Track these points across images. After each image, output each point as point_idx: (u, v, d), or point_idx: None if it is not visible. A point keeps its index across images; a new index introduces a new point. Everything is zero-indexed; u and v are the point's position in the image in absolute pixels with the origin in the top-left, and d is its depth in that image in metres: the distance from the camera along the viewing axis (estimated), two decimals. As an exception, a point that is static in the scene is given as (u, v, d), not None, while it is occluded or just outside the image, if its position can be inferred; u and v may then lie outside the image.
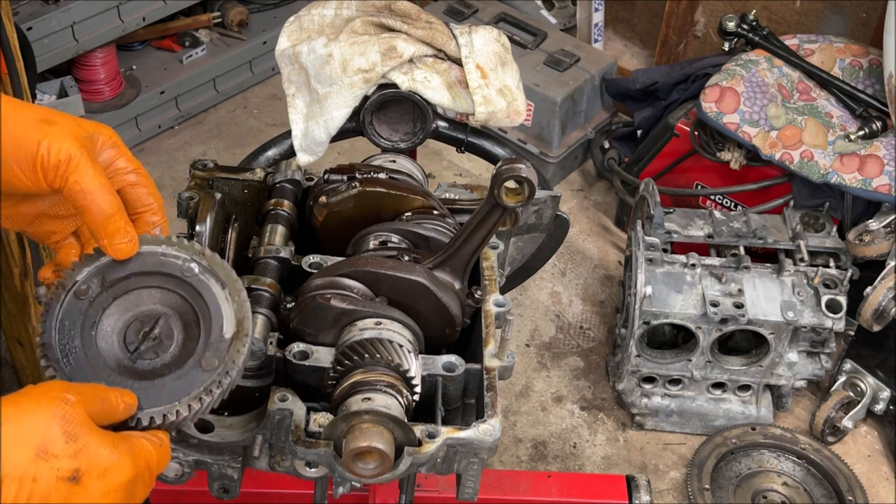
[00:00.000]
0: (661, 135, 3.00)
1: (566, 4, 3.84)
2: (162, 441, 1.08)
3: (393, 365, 1.30)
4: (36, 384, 0.99)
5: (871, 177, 2.55)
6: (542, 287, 3.07)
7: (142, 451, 1.04)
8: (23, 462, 0.92)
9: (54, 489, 0.94)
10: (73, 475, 0.95)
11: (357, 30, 1.84)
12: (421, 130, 1.89)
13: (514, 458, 2.61)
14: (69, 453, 0.96)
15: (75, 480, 0.95)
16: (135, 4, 3.15)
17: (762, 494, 2.54)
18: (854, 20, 3.13)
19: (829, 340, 2.51)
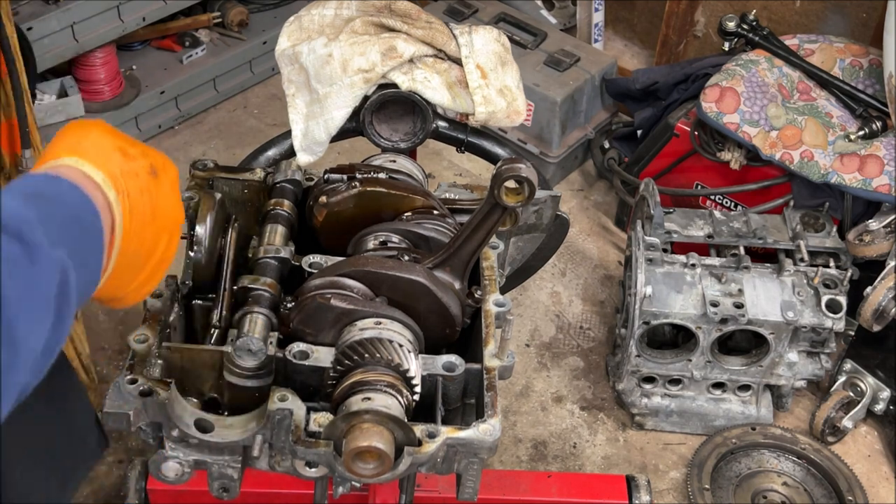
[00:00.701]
0: (661, 135, 2.99)
1: (566, 4, 3.84)
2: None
3: (393, 365, 1.30)
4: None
5: (871, 177, 2.55)
6: (542, 287, 3.07)
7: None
8: (123, 164, 1.05)
9: (149, 183, 1.08)
10: (152, 169, 1.09)
11: (357, 30, 1.85)
12: (421, 130, 1.89)
13: (514, 458, 2.61)
14: (140, 153, 1.09)
15: (155, 174, 1.09)
16: (135, 4, 3.15)
17: (762, 494, 2.54)
18: (854, 20, 3.13)
19: (829, 340, 2.51)
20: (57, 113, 3.16)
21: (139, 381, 1.29)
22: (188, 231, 1.49)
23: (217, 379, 1.38)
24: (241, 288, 1.44)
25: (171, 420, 1.29)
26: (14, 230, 0.84)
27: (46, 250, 0.87)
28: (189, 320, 1.53)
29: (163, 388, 1.28)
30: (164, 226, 1.10)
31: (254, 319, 1.38)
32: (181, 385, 1.34)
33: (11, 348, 0.81)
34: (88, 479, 2.47)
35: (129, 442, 2.54)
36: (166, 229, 1.11)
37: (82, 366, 2.45)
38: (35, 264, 0.85)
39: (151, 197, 1.07)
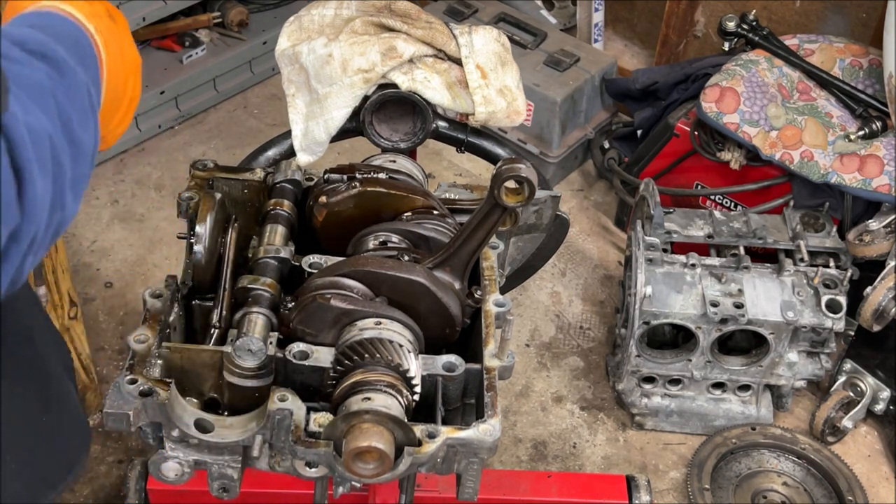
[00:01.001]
0: (661, 135, 2.99)
1: (566, 4, 3.84)
2: None
3: (393, 365, 1.30)
4: None
5: (871, 177, 2.55)
6: (542, 287, 3.07)
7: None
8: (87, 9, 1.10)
9: (111, 25, 1.13)
10: (109, 12, 1.15)
11: (357, 30, 1.84)
12: (421, 130, 1.89)
13: (514, 458, 2.61)
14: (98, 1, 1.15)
15: (113, 18, 1.15)
16: (135, 4, 3.15)
17: (762, 494, 2.54)
18: (854, 20, 3.13)
19: (829, 340, 2.51)
20: (57, 113, 3.16)
21: (139, 381, 1.29)
22: (188, 231, 1.49)
23: (217, 379, 1.38)
24: (241, 288, 1.44)
25: (171, 420, 1.29)
26: (38, 51, 0.95)
27: (72, 65, 0.98)
28: (189, 320, 1.53)
29: (163, 388, 1.28)
30: (130, 65, 1.17)
31: (254, 319, 1.38)
32: (181, 385, 1.34)
33: (74, 146, 0.96)
34: (88, 479, 2.47)
35: (129, 442, 2.54)
36: (132, 69, 1.18)
37: (82, 366, 2.45)
38: (65, 77, 0.97)
39: (116, 37, 1.13)
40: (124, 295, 2.93)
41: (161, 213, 3.19)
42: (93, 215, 3.18)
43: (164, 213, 3.19)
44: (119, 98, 1.16)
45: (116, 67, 1.13)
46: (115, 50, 1.12)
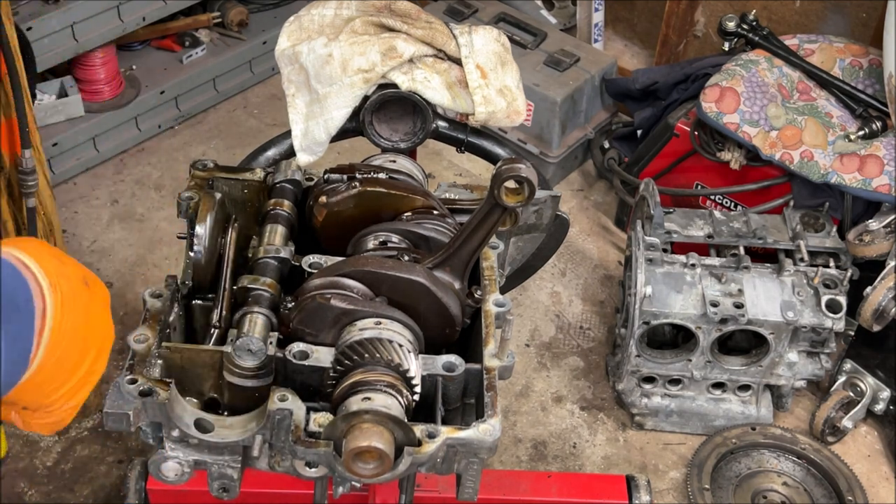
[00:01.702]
0: (661, 135, 2.99)
1: (566, 4, 3.84)
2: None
3: (393, 365, 1.30)
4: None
5: (871, 177, 2.55)
6: (542, 287, 3.06)
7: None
8: (57, 265, 1.04)
9: (79, 290, 1.07)
10: (84, 279, 1.09)
11: (357, 30, 1.84)
12: (421, 130, 1.89)
13: (514, 458, 2.61)
14: (73, 263, 1.09)
15: (87, 285, 1.09)
16: (135, 4, 3.15)
17: (762, 494, 2.54)
18: (854, 20, 3.13)
19: (829, 340, 2.51)
20: (57, 113, 3.17)
21: (139, 381, 1.29)
22: (188, 231, 1.49)
23: (217, 379, 1.38)
24: (241, 288, 1.43)
25: (170, 420, 1.28)
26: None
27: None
28: (189, 320, 1.52)
29: (163, 388, 1.28)
30: (94, 337, 1.10)
31: (254, 319, 1.38)
32: (181, 385, 1.34)
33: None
34: (88, 479, 2.48)
35: (129, 442, 2.54)
36: (96, 342, 1.11)
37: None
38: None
39: (84, 303, 1.07)
40: (124, 295, 2.93)
41: (161, 213, 3.19)
42: (93, 215, 3.18)
43: (164, 213, 3.19)
44: (67, 369, 1.07)
45: (71, 330, 1.04)
46: (74, 312, 1.04)
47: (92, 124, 3.24)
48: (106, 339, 1.13)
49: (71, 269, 1.07)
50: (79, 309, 1.06)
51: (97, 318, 1.11)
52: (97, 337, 1.11)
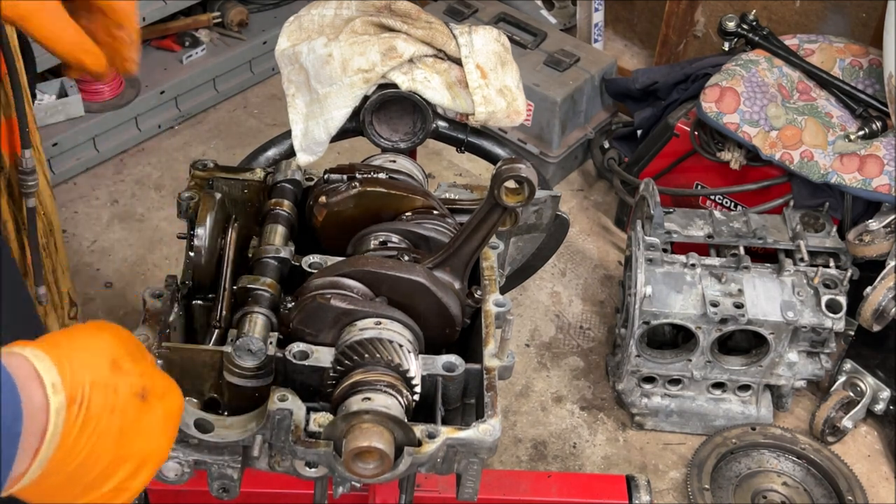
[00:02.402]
0: (661, 135, 3.00)
1: (566, 4, 3.84)
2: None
3: (393, 365, 1.30)
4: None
5: (871, 177, 2.55)
6: (542, 287, 3.07)
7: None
8: (103, 374, 0.96)
9: (129, 403, 0.98)
10: (142, 392, 1.00)
11: (357, 30, 1.84)
12: (421, 130, 1.89)
13: (514, 458, 2.61)
14: (137, 372, 1.00)
15: (143, 398, 1.00)
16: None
17: (762, 494, 2.54)
18: (854, 20, 3.13)
19: (829, 340, 2.51)
20: (57, 113, 3.17)
21: (139, 381, 1.29)
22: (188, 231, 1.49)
23: (217, 379, 1.38)
24: (241, 288, 1.43)
25: (171, 420, 1.28)
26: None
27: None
28: (189, 320, 1.52)
29: (163, 388, 1.28)
30: (129, 454, 1.00)
31: (254, 319, 1.38)
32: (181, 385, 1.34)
33: None
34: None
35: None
36: (132, 459, 1.00)
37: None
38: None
39: (124, 419, 0.97)
40: (124, 295, 2.93)
41: (161, 213, 3.19)
42: (93, 215, 3.18)
43: (164, 213, 3.19)
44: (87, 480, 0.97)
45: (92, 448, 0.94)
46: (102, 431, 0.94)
47: (92, 124, 3.24)
48: (150, 456, 1.03)
49: (125, 381, 0.98)
50: (112, 425, 0.96)
51: (143, 433, 1.01)
52: (135, 454, 1.01)
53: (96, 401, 0.94)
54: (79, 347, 0.96)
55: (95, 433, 0.94)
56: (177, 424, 1.07)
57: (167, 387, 1.05)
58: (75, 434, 0.92)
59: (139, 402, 0.99)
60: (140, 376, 1.00)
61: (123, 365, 0.99)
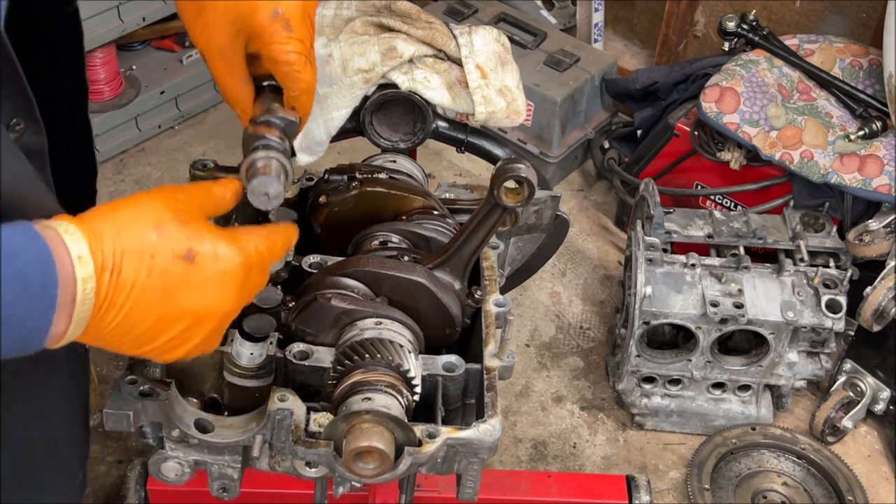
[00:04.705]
0: (661, 135, 3.00)
1: (566, 4, 3.84)
2: (269, 231, 1.13)
3: (393, 365, 1.30)
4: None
5: (871, 177, 2.55)
6: (542, 287, 3.07)
7: (249, 242, 1.09)
8: (140, 239, 0.99)
9: (171, 266, 1.01)
10: (188, 254, 1.02)
11: (357, 30, 1.84)
12: (421, 130, 1.89)
13: (514, 458, 2.61)
14: (183, 235, 1.02)
15: (190, 259, 1.02)
16: (135, 4, 3.15)
17: (762, 494, 2.54)
18: (854, 20, 3.13)
19: (829, 340, 2.51)
20: (57, 113, 3.16)
21: (139, 382, 1.29)
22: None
23: (217, 379, 1.38)
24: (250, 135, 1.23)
25: (171, 420, 1.29)
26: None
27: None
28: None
29: (163, 389, 1.28)
30: (179, 313, 1.03)
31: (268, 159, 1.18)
32: (181, 385, 1.34)
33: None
34: (88, 479, 2.47)
35: (129, 442, 2.54)
36: (185, 317, 1.04)
37: (82, 366, 2.45)
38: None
39: (166, 281, 1.00)
40: (124, 295, 2.93)
41: (161, 213, 3.19)
42: (93, 215, 3.18)
43: (164, 213, 3.19)
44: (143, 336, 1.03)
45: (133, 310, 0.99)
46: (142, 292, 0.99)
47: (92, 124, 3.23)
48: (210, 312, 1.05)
49: (165, 245, 1.00)
50: (154, 288, 1.00)
51: (197, 291, 1.03)
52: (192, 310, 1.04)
53: (129, 267, 0.98)
54: (119, 218, 0.99)
55: (131, 297, 0.98)
56: (238, 283, 1.06)
57: (221, 249, 1.05)
58: (110, 299, 0.97)
59: (184, 263, 1.01)
60: (186, 239, 1.02)
61: (167, 229, 1.01)
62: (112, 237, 0.98)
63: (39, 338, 0.94)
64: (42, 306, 0.92)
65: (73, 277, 0.94)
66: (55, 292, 0.93)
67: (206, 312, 1.05)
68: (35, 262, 0.91)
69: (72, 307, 0.95)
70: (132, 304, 0.99)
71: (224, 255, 1.05)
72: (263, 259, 1.11)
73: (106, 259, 0.97)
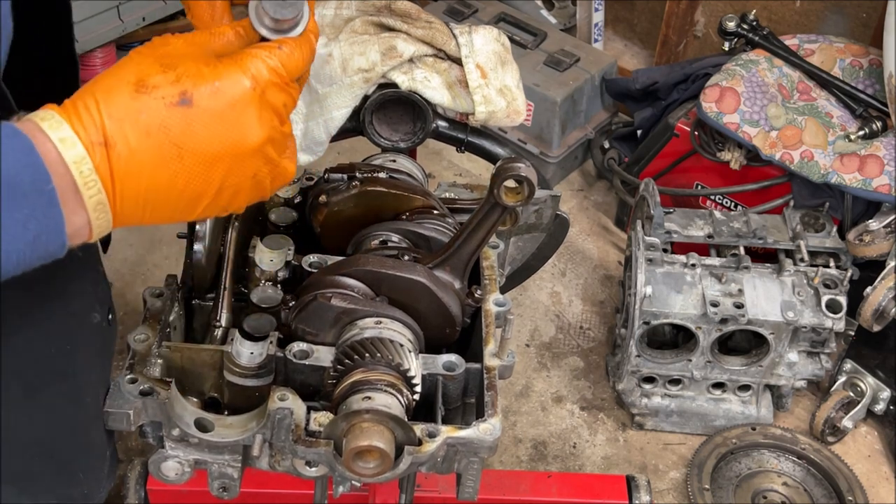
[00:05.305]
0: (661, 135, 3.00)
1: (566, 4, 3.84)
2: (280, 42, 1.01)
3: (393, 364, 1.30)
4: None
5: (871, 177, 2.55)
6: (542, 287, 3.07)
7: (254, 61, 0.98)
8: (123, 101, 0.91)
9: (168, 117, 0.92)
10: (182, 98, 0.92)
11: (357, 29, 1.84)
12: (421, 130, 1.89)
13: (514, 458, 2.61)
14: (169, 80, 0.93)
15: (187, 103, 0.92)
16: (135, 4, 3.15)
17: (762, 494, 2.54)
18: (854, 20, 3.13)
19: (829, 340, 2.51)
20: (57, 113, 3.17)
21: (139, 381, 1.29)
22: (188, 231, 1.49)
23: (217, 378, 1.38)
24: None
25: (171, 419, 1.29)
26: None
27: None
28: (189, 320, 1.53)
29: (163, 388, 1.28)
30: (206, 161, 0.94)
31: None
32: (181, 384, 1.34)
33: None
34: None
35: (129, 442, 2.54)
36: (217, 162, 0.95)
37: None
38: None
39: (170, 134, 0.92)
40: (124, 295, 2.93)
41: (161, 213, 3.19)
42: (93, 215, 3.18)
43: (164, 213, 3.19)
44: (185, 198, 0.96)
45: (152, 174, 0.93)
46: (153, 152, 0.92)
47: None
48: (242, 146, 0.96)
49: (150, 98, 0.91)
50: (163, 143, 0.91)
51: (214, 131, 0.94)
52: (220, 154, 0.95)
53: (119, 134, 0.90)
54: (99, 88, 0.92)
55: (140, 162, 0.91)
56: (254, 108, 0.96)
57: (218, 78, 0.95)
58: (118, 172, 0.90)
59: (182, 109, 0.92)
60: (175, 83, 0.92)
61: (150, 80, 0.92)
62: (93, 109, 0.90)
63: (55, 237, 0.88)
64: (40, 203, 0.86)
65: (62, 163, 0.88)
66: (49, 186, 0.86)
67: (236, 149, 0.96)
68: (18, 160, 0.85)
69: (77, 194, 0.88)
70: (147, 168, 0.92)
71: (224, 86, 0.95)
72: (279, 74, 0.99)
73: (92, 134, 0.89)
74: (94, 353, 1.30)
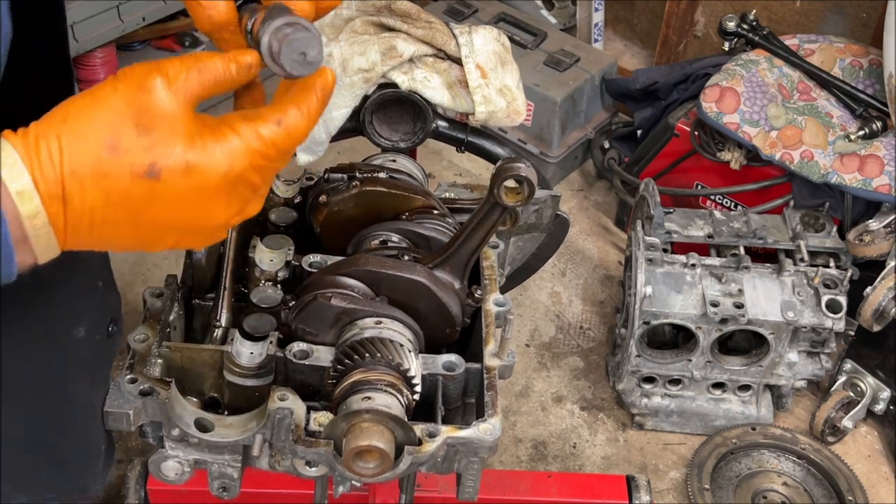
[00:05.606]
0: (661, 135, 3.00)
1: (566, 4, 3.84)
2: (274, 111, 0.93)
3: (393, 364, 1.30)
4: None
5: (871, 177, 2.55)
6: (542, 287, 3.07)
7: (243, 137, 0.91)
8: (90, 159, 0.85)
9: (131, 186, 0.86)
10: (150, 169, 0.86)
11: (357, 29, 1.84)
12: (421, 130, 1.89)
13: (514, 458, 2.61)
14: (142, 146, 0.86)
15: (154, 176, 0.86)
16: (135, 4, 3.15)
17: (762, 494, 2.53)
18: (854, 20, 3.13)
19: (829, 340, 2.51)
20: (57, 113, 3.16)
21: (139, 381, 1.29)
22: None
23: (217, 378, 1.38)
24: None
25: (171, 419, 1.29)
26: None
27: None
28: (189, 320, 1.53)
29: (163, 388, 1.29)
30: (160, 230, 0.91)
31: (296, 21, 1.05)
32: (181, 384, 1.34)
33: None
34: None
35: (129, 442, 2.53)
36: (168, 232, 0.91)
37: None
38: None
39: (130, 202, 0.87)
40: (124, 295, 2.92)
41: (161, 213, 3.19)
42: (93, 215, 3.18)
43: (164, 213, 3.19)
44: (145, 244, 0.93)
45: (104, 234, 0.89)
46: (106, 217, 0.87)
47: (92, 124, 3.24)
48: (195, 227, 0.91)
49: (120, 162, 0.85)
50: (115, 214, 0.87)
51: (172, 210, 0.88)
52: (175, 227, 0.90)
53: (78, 193, 0.85)
54: (67, 130, 0.85)
55: (95, 221, 0.87)
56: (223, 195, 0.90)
57: (193, 158, 0.88)
58: (72, 226, 0.86)
59: (147, 182, 0.86)
60: (147, 150, 0.86)
61: (123, 140, 0.85)
62: (55, 158, 0.84)
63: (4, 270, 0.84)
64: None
65: (17, 216, 0.83)
66: (4, 230, 0.82)
67: (192, 226, 0.91)
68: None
69: (28, 243, 0.85)
70: (100, 227, 0.88)
71: (199, 166, 0.88)
72: (267, 156, 0.92)
73: (51, 186, 0.84)
74: (80, 366, 1.30)
